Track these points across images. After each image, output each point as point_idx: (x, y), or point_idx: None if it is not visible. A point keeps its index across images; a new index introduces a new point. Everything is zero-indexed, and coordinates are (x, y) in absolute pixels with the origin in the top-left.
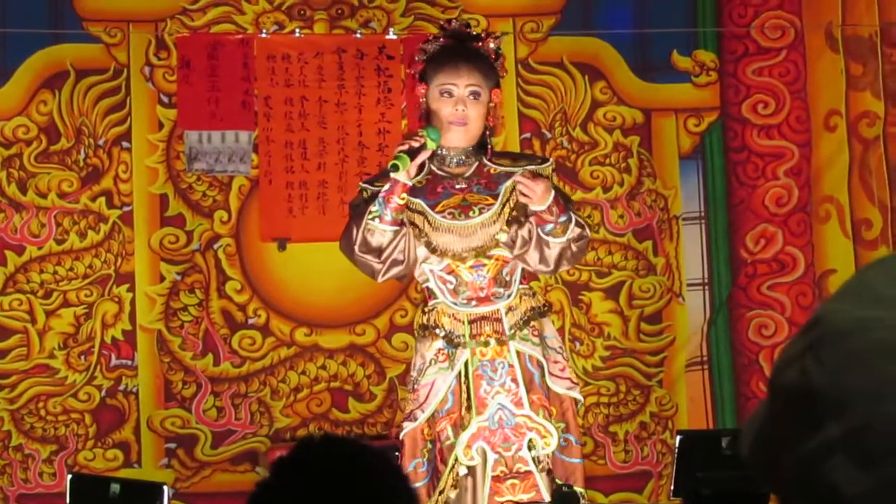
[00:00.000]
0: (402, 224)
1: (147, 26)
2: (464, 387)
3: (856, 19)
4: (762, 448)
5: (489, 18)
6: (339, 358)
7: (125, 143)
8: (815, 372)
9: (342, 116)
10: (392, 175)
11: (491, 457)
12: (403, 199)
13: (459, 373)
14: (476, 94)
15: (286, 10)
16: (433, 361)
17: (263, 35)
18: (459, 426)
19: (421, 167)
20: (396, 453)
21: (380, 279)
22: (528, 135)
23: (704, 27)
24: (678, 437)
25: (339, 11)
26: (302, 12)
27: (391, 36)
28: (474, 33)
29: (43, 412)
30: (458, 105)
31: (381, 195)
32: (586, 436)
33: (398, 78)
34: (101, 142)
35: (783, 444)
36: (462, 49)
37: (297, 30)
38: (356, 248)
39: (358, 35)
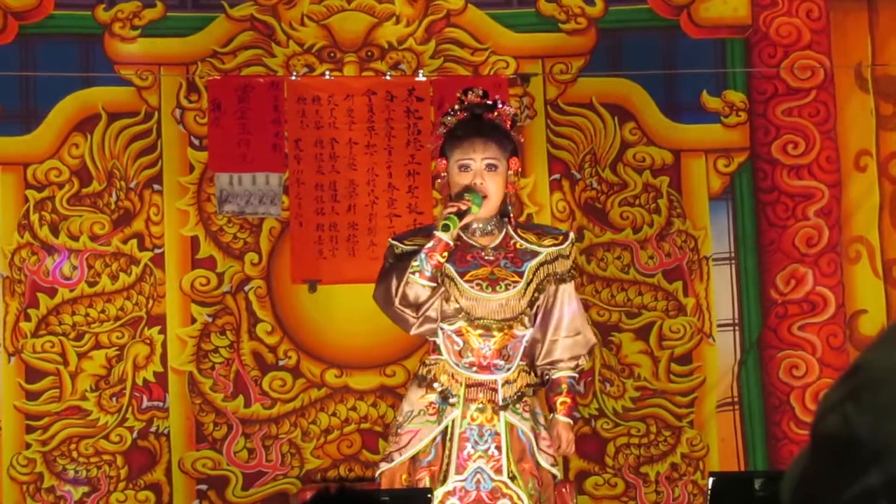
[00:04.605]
0: (437, 282)
1: (178, 69)
2: (448, 444)
3: (886, 59)
4: (804, 495)
5: (518, 60)
6: (369, 399)
7: (156, 186)
8: (856, 419)
9: (372, 158)
10: (437, 234)
11: None
12: (444, 257)
13: (446, 429)
14: (493, 167)
15: (316, 52)
16: (422, 412)
17: (294, 77)
18: (437, 479)
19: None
20: (429, 496)
21: (412, 332)
22: (557, 176)
23: (734, 67)
24: (711, 479)
25: (369, 54)
26: (332, 55)
27: (421, 78)
28: (489, 103)
29: (75, 454)
30: (476, 178)
31: (424, 251)
32: (617, 476)
33: (428, 120)
34: (132, 184)
35: (825, 492)
36: (477, 122)
37: (328, 72)
38: (396, 300)
39: (388, 77)
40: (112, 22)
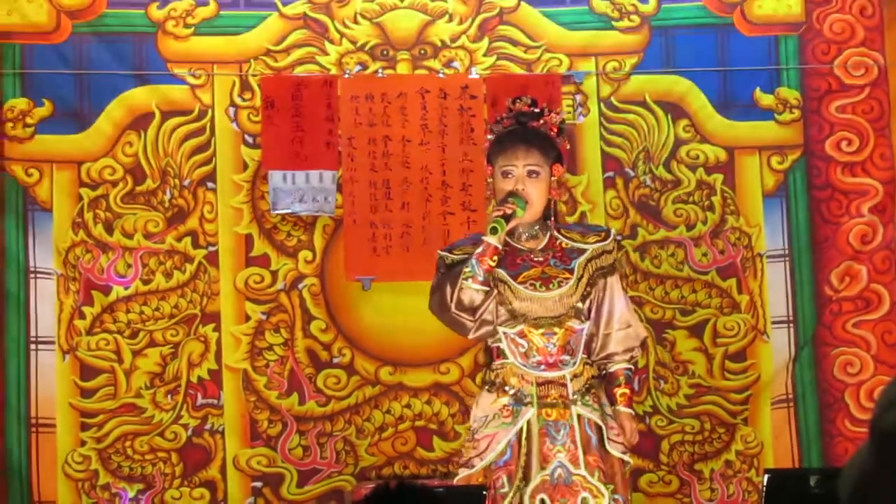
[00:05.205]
0: (490, 286)
1: (231, 67)
2: (524, 442)
3: None
4: (863, 492)
5: (572, 58)
6: (423, 396)
7: (210, 184)
8: None
9: (425, 156)
10: (485, 238)
11: None
12: (494, 261)
13: (521, 429)
14: (534, 173)
15: (369, 50)
16: (497, 416)
17: (347, 75)
18: (515, 477)
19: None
20: (484, 493)
21: (470, 336)
22: (611, 173)
23: (787, 65)
24: (766, 476)
25: (422, 51)
26: (385, 52)
27: (474, 75)
28: (536, 111)
29: (130, 451)
30: (518, 184)
31: (474, 257)
32: (671, 473)
33: (481, 117)
34: (186, 182)
35: (886, 488)
36: (522, 130)
37: (381, 70)
38: (453, 306)
39: (441, 75)
40: (165, 20)
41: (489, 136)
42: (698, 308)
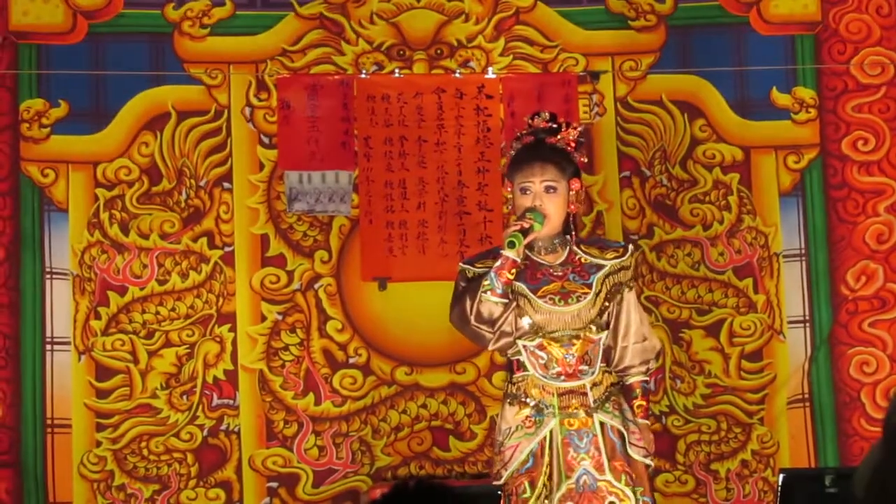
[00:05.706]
0: (508, 298)
1: (247, 67)
2: (548, 451)
3: None
4: (878, 490)
5: (588, 57)
6: (439, 396)
7: (226, 184)
8: None
9: (441, 156)
10: (504, 252)
11: None
12: (513, 274)
13: (544, 438)
14: (552, 188)
15: (385, 50)
16: (520, 427)
17: (363, 75)
18: (537, 483)
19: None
20: (499, 493)
21: (490, 347)
22: (627, 173)
23: (803, 64)
24: (781, 476)
25: (439, 51)
26: (401, 52)
27: (490, 75)
28: (553, 126)
29: (145, 452)
30: (536, 200)
31: (493, 270)
32: (687, 473)
33: (497, 117)
34: (202, 182)
35: None
36: (538, 146)
37: (397, 70)
38: (472, 318)
39: (457, 75)
40: (181, 20)
41: (509, 153)
42: (715, 308)
